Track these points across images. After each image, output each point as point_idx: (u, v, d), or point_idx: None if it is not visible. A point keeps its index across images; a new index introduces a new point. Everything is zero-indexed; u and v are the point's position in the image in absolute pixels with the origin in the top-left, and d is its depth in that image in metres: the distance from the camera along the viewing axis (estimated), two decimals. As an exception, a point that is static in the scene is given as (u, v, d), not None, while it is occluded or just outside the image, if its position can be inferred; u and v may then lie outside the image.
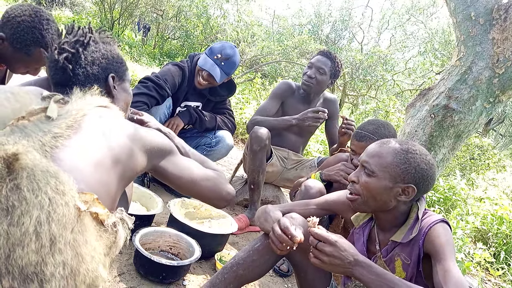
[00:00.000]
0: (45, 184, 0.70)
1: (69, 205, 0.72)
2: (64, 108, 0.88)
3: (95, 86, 0.99)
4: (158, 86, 2.11)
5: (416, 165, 1.15)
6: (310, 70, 2.45)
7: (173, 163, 1.07)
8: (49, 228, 0.68)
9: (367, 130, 1.72)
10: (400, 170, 1.15)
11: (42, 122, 0.82)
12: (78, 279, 0.71)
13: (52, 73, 1.00)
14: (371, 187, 1.18)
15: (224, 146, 2.46)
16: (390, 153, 1.17)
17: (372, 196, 1.18)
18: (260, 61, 10.89)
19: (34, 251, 0.65)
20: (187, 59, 2.43)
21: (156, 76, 2.16)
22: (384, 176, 1.16)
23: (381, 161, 1.17)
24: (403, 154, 1.16)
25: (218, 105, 2.53)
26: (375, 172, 1.17)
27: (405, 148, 1.17)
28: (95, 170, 0.82)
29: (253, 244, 1.35)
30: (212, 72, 2.25)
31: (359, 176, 1.21)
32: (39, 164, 0.71)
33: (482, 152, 5.74)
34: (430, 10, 13.16)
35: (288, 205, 1.50)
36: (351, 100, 11.44)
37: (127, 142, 0.92)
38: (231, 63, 2.28)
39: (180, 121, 2.31)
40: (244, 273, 1.31)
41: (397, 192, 1.17)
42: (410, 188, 1.15)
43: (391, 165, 1.16)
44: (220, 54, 2.25)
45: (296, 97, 2.58)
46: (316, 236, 1.11)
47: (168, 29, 13.88)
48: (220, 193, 1.16)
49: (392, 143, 1.20)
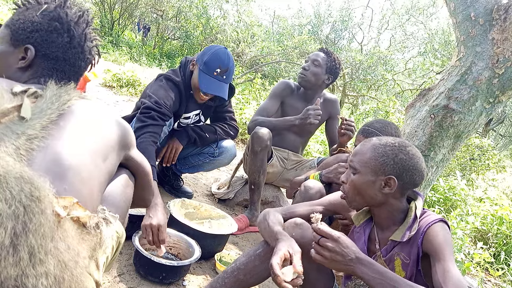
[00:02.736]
0: (18, 192, 0.65)
1: (46, 212, 0.68)
2: (38, 106, 0.83)
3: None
4: (161, 114, 1.96)
5: (393, 156, 1.19)
6: (305, 64, 2.50)
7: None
8: (27, 239, 0.64)
9: (374, 128, 1.74)
10: (379, 163, 1.20)
11: (15, 123, 0.77)
12: (63, 286, 0.69)
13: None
14: (356, 183, 1.23)
15: (227, 156, 2.42)
16: (369, 149, 1.23)
17: (359, 192, 1.24)
18: (260, 61, 10.89)
19: (13, 264, 0.62)
20: (179, 66, 2.24)
21: (155, 102, 1.96)
22: (365, 171, 1.22)
23: (362, 158, 1.23)
24: (381, 148, 1.21)
25: (218, 109, 2.45)
26: (357, 168, 1.23)
27: (384, 142, 1.23)
28: (75, 169, 0.80)
29: (255, 250, 1.34)
30: (222, 95, 2.11)
31: (348, 177, 1.27)
32: (12, 170, 0.67)
33: (482, 152, 5.74)
34: (430, 11, 13.16)
35: (291, 207, 1.48)
36: (351, 100, 11.44)
37: (108, 138, 0.92)
38: (231, 71, 2.14)
39: (179, 144, 2.24)
40: (245, 279, 1.31)
41: (380, 185, 1.20)
42: (391, 179, 1.19)
43: (370, 159, 1.21)
44: (219, 68, 2.06)
45: (295, 96, 2.58)
46: (319, 231, 1.11)
47: (168, 30, 13.87)
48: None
49: (373, 140, 1.26)
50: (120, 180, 1.07)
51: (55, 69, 1.01)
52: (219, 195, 2.69)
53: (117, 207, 0.99)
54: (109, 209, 0.94)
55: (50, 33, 0.98)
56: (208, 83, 2.07)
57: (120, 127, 1.03)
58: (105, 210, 0.88)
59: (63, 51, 1.00)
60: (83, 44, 1.04)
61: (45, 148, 0.78)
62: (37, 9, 0.99)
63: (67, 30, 1.00)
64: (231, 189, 2.67)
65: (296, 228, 1.30)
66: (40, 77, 0.99)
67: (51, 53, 0.99)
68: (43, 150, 0.77)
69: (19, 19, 0.99)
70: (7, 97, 0.82)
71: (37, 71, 0.99)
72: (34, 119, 0.80)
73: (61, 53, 1.00)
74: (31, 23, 0.98)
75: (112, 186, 1.02)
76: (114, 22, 12.12)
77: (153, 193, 1.30)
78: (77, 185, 0.80)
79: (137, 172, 1.16)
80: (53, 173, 0.76)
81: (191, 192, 2.58)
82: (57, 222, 0.71)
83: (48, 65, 1.00)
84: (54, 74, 1.00)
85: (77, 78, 1.07)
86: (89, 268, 0.78)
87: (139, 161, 1.15)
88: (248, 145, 2.34)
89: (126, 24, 13.28)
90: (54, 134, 0.81)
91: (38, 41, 0.98)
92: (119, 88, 5.50)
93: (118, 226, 0.96)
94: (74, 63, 1.03)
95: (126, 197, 1.07)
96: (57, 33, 0.99)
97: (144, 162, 1.18)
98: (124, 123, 1.06)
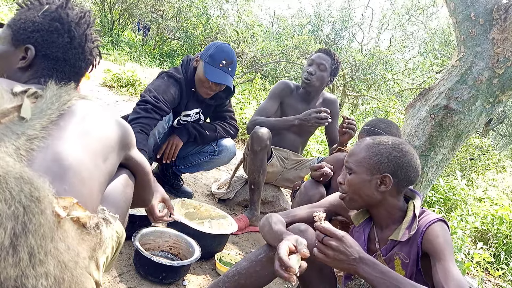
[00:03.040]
0: (18, 192, 0.65)
1: (46, 212, 0.68)
2: (38, 106, 0.83)
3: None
4: (158, 108, 2.01)
5: (387, 154, 1.21)
6: (310, 67, 2.44)
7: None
8: (26, 239, 0.64)
9: (380, 128, 1.72)
10: (373, 162, 1.21)
11: (15, 124, 0.77)
12: (63, 287, 0.69)
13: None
14: (352, 183, 1.25)
15: (227, 155, 2.42)
16: (363, 149, 1.25)
17: (356, 192, 1.25)
18: (260, 61, 10.89)
19: (12, 265, 0.61)
20: (180, 64, 2.30)
21: (154, 97, 2.01)
22: (360, 170, 1.23)
23: (357, 158, 1.25)
24: (375, 147, 1.23)
25: (218, 108, 2.46)
26: (353, 168, 1.25)
27: (377, 141, 1.25)
28: (75, 169, 0.80)
29: (257, 255, 1.32)
30: (228, 84, 2.17)
31: (344, 177, 1.28)
32: (11, 170, 0.67)
33: (482, 152, 5.74)
34: (430, 10, 13.16)
35: (292, 211, 1.46)
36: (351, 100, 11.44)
37: (108, 138, 0.92)
38: (235, 65, 2.22)
39: (179, 141, 2.26)
40: (245, 283, 1.29)
41: (376, 184, 1.21)
42: (386, 177, 1.20)
43: (365, 159, 1.23)
44: (224, 60, 2.13)
45: (294, 97, 2.57)
46: (323, 230, 1.11)
47: (168, 29, 13.88)
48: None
49: (367, 140, 1.27)
50: (120, 180, 1.07)
51: (55, 70, 1.01)
52: (219, 195, 2.69)
53: (117, 207, 0.99)
54: (109, 209, 0.94)
55: (50, 34, 0.98)
56: (215, 73, 2.12)
57: (120, 127, 1.03)
58: (105, 210, 0.88)
59: (64, 51, 1.00)
60: (83, 45, 1.04)
61: (45, 148, 0.77)
62: (38, 9, 0.99)
63: (68, 31, 1.00)
64: (231, 189, 2.67)
65: (300, 234, 1.27)
66: (40, 77, 0.99)
67: (51, 53, 0.99)
68: (43, 150, 0.77)
69: (20, 19, 0.99)
70: (7, 97, 0.82)
71: (37, 71, 0.99)
72: (34, 120, 0.80)
73: (61, 54, 1.00)
74: (32, 23, 0.98)
75: (112, 186, 1.02)
76: (114, 22, 12.11)
77: (153, 193, 1.29)
78: (77, 186, 0.80)
79: (137, 171, 1.16)
80: (53, 173, 0.76)
81: (191, 192, 2.58)
82: (57, 223, 0.71)
83: (48, 65, 1.00)
84: (54, 74, 1.00)
85: (77, 79, 1.07)
86: (89, 268, 0.78)
87: (139, 161, 1.15)
88: (247, 145, 2.33)
89: (126, 24, 13.28)
90: (54, 134, 0.81)
91: (39, 41, 0.98)
92: (119, 88, 5.50)
93: (118, 226, 0.96)
94: (74, 63, 1.03)
95: (126, 197, 1.07)
96: (57, 34, 0.99)
97: (144, 162, 1.18)
98: (124, 123, 1.06)
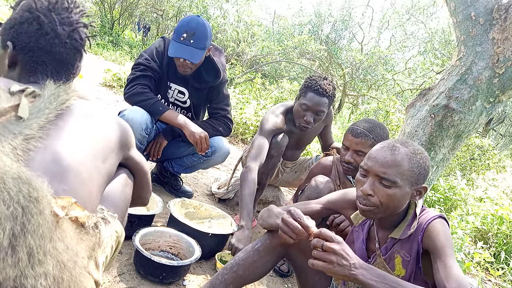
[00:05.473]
0: (16, 193, 0.65)
1: (45, 212, 0.68)
2: (36, 105, 0.82)
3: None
4: (150, 68, 2.18)
5: (425, 165, 1.17)
6: (307, 114, 2.15)
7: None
8: (25, 240, 0.64)
9: (363, 127, 1.80)
10: (415, 174, 1.15)
11: (12, 123, 0.76)
12: (62, 287, 0.69)
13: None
14: (394, 197, 1.15)
15: (221, 155, 2.36)
16: (405, 160, 1.15)
17: (394, 205, 1.16)
18: (260, 61, 10.89)
19: (11, 265, 0.62)
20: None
21: (145, 59, 2.20)
22: (404, 183, 1.14)
23: (400, 170, 1.14)
24: (414, 157, 1.15)
25: (212, 104, 2.40)
26: (397, 182, 1.13)
27: (412, 150, 1.17)
28: (74, 170, 0.80)
29: (254, 245, 1.35)
30: (187, 57, 2.10)
31: (375, 188, 1.16)
32: (9, 170, 0.66)
33: (482, 152, 5.74)
34: (430, 10, 13.15)
35: (291, 206, 1.48)
36: (351, 100, 11.44)
37: (107, 139, 0.92)
38: (200, 35, 2.09)
39: (163, 139, 2.27)
40: (244, 274, 1.31)
41: (412, 195, 1.18)
42: (423, 188, 1.18)
43: (408, 171, 1.14)
44: (185, 33, 2.08)
45: (287, 123, 2.32)
46: (322, 236, 1.06)
47: (168, 29, 13.87)
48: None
49: (400, 148, 1.17)
50: (119, 180, 1.07)
51: (35, 62, 0.96)
52: (219, 195, 2.69)
53: (116, 206, 0.99)
54: (108, 208, 0.94)
55: (21, 25, 0.94)
56: (174, 48, 2.12)
57: (119, 127, 1.03)
58: (103, 209, 0.88)
59: (35, 39, 0.94)
60: (55, 29, 0.96)
61: (44, 148, 0.77)
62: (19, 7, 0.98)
63: (37, 17, 0.95)
64: (231, 189, 2.68)
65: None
66: (27, 74, 0.96)
67: (25, 44, 0.94)
68: (42, 150, 0.77)
69: (6, 21, 0.98)
70: (5, 96, 0.81)
71: (23, 68, 0.97)
72: (31, 119, 0.79)
73: (34, 43, 0.94)
74: (10, 21, 0.96)
75: (111, 185, 1.02)
76: (114, 21, 12.11)
77: (151, 192, 1.29)
78: (76, 186, 0.79)
79: (136, 171, 1.16)
80: (51, 174, 0.75)
81: (191, 192, 2.58)
82: (55, 223, 0.71)
83: (27, 59, 0.96)
84: (36, 67, 0.96)
85: (65, 69, 1.01)
86: (88, 267, 0.78)
87: (138, 161, 1.15)
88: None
89: (126, 24, 13.28)
90: (52, 134, 0.81)
91: (15, 36, 0.95)
92: (119, 88, 5.49)
93: (117, 226, 0.96)
94: (50, 50, 0.96)
95: (125, 197, 1.07)
96: (27, 23, 0.94)
97: (143, 162, 1.18)
98: (123, 123, 1.06)
